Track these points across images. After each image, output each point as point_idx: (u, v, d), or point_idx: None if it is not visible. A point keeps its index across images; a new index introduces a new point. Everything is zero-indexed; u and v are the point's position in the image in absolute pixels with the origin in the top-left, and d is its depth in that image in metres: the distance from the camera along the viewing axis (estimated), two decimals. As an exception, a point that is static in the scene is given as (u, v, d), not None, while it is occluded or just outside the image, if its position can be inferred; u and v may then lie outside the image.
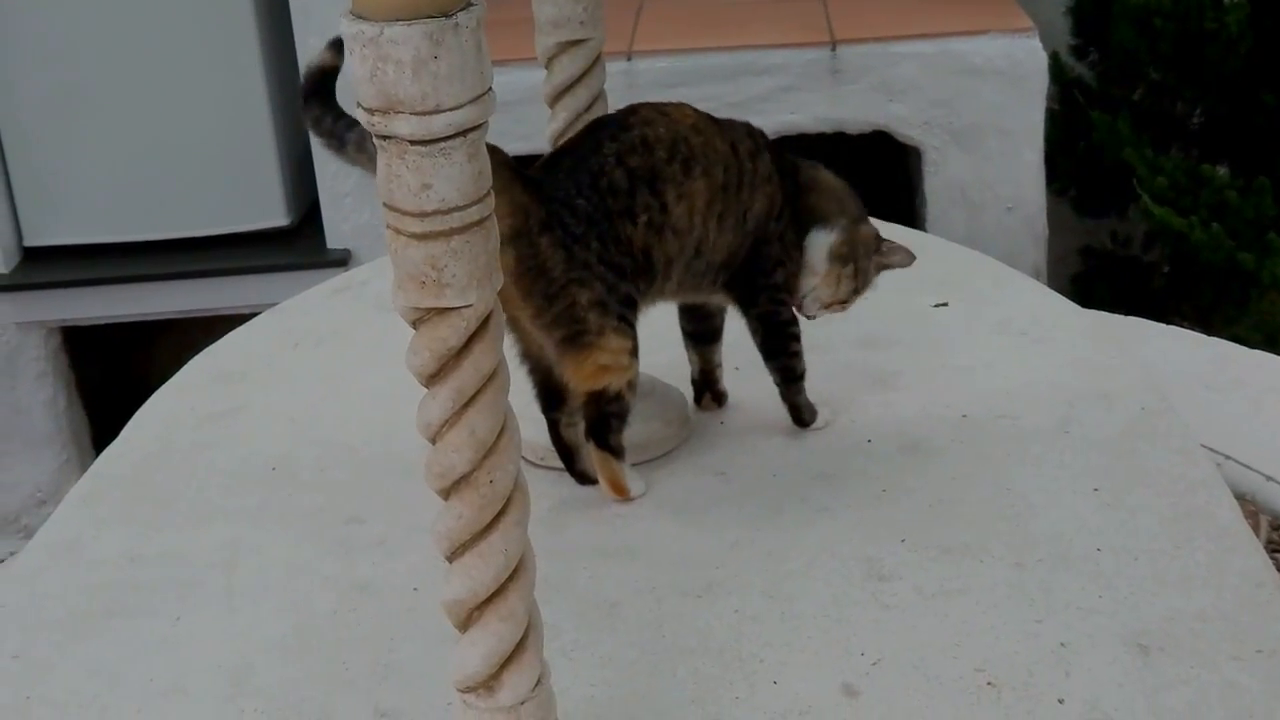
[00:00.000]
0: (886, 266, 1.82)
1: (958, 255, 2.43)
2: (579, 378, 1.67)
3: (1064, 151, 3.92)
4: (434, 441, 1.14)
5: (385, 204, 1.08)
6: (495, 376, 1.13)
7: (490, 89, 1.07)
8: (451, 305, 1.10)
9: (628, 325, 1.67)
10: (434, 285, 1.09)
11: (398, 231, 1.09)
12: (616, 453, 1.73)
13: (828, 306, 1.81)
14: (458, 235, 1.08)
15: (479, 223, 1.08)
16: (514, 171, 1.61)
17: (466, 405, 1.12)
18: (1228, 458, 2.29)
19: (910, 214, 3.78)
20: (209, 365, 2.23)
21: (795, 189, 1.80)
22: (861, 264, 1.80)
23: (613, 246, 1.65)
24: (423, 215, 1.07)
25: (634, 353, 1.69)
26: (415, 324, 1.12)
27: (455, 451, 1.13)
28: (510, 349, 1.66)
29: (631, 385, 1.70)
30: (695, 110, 1.74)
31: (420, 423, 1.14)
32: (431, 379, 1.12)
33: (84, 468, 2.05)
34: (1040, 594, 1.55)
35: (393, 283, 1.11)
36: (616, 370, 1.67)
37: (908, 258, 1.82)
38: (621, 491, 1.74)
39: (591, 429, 1.72)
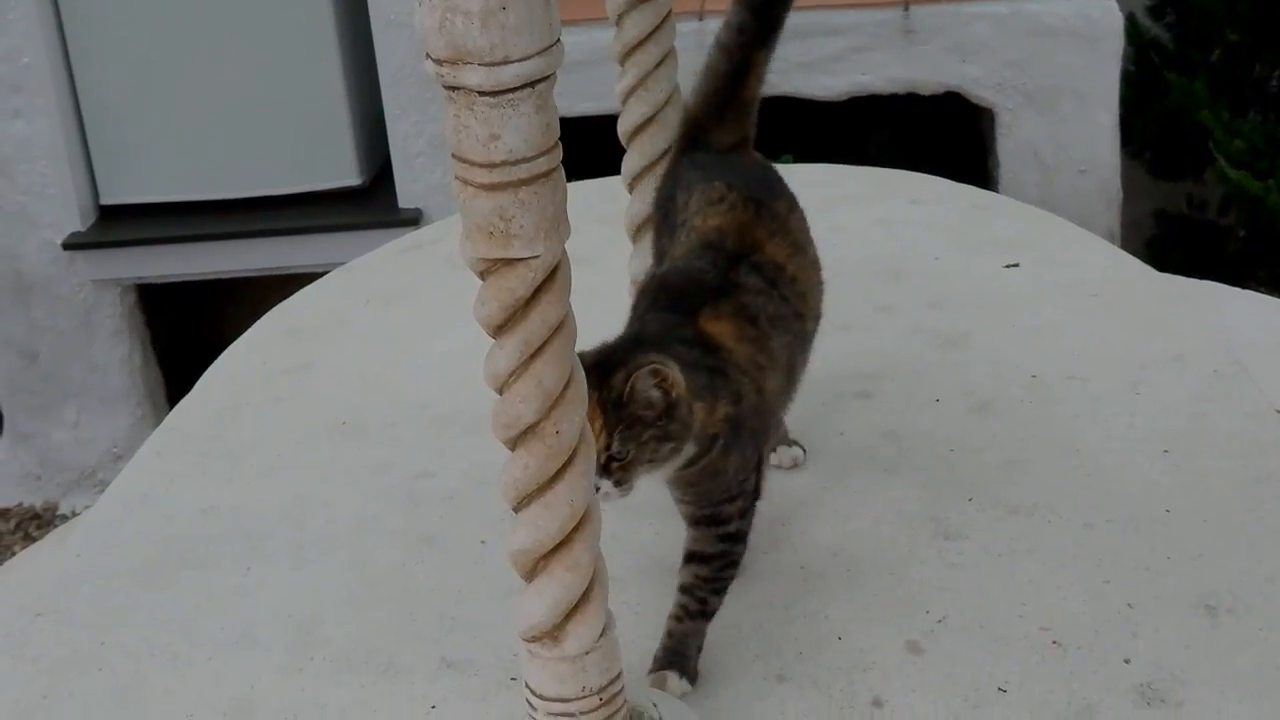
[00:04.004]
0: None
1: (1030, 216, 2.41)
2: None
3: (1139, 114, 3.88)
4: (501, 392, 1.15)
5: (454, 155, 1.09)
6: (562, 327, 1.14)
7: (559, 40, 1.07)
8: (519, 256, 1.10)
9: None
10: (502, 236, 1.09)
11: (466, 182, 1.09)
12: None
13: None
14: (525, 186, 1.08)
15: (547, 174, 1.09)
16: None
17: (534, 356, 1.13)
18: (1301, 422, 2.26)
19: (983, 175, 3.75)
20: (280, 322, 2.25)
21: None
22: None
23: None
24: (491, 166, 1.07)
25: None
26: (483, 275, 1.12)
27: (522, 402, 1.14)
28: None
29: None
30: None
31: (487, 373, 1.14)
32: (499, 330, 1.13)
33: (159, 424, 2.08)
34: (1108, 555, 1.54)
35: (461, 234, 1.12)
36: None
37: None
38: None
39: None
